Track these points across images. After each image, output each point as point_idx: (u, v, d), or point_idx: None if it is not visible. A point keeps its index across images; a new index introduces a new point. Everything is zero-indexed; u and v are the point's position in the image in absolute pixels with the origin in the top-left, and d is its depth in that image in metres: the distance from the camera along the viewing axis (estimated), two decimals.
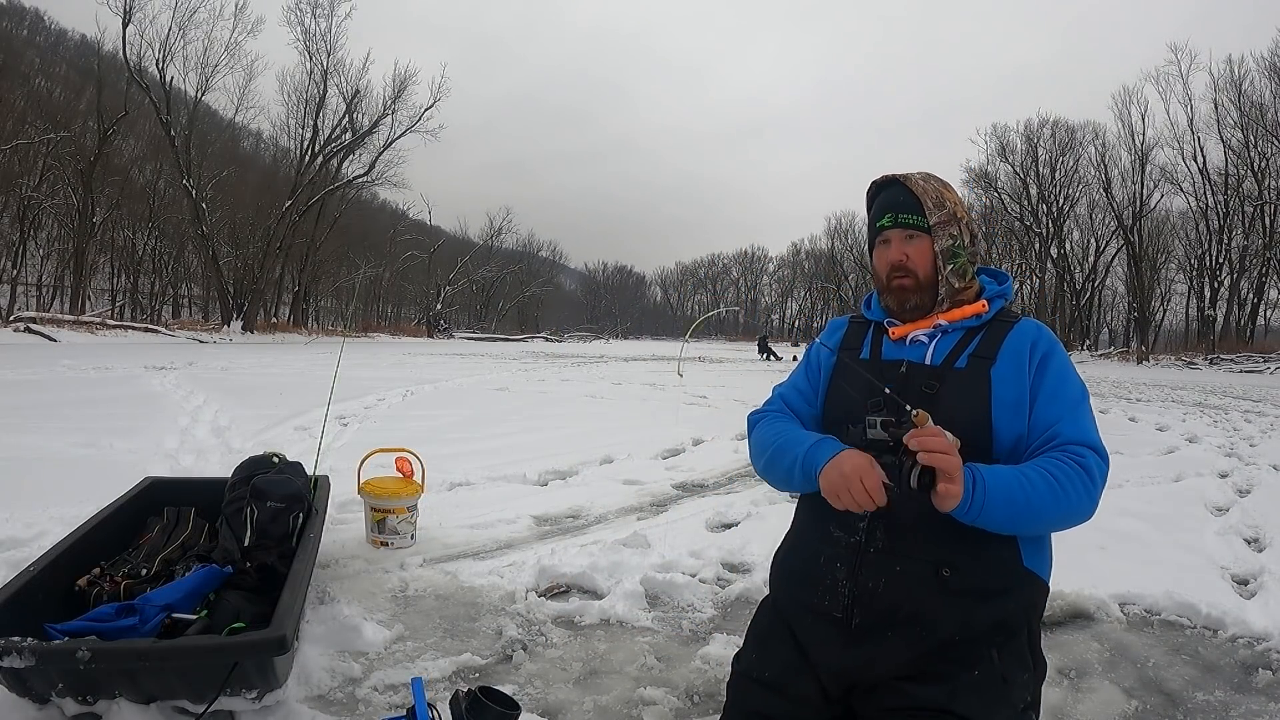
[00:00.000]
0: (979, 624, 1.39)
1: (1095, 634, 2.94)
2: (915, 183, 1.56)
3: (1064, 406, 1.45)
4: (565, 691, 2.38)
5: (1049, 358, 1.49)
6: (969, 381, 1.47)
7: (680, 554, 3.54)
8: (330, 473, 3.79)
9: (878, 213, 1.58)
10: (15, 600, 2.08)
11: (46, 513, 3.74)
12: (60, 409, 7.53)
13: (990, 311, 1.56)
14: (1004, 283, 1.63)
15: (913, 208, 1.54)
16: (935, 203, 1.54)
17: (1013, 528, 1.37)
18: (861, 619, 1.43)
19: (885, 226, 1.56)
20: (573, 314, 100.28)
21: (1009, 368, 1.47)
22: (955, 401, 1.46)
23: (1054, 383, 1.47)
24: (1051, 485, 1.34)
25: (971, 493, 1.32)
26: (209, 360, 16.15)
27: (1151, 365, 34.79)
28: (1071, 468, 1.36)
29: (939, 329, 1.55)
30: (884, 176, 1.61)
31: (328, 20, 36.71)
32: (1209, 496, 5.28)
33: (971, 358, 1.50)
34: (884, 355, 1.59)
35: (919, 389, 1.48)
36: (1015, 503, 1.33)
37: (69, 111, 33.07)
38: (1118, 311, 50.13)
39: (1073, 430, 1.42)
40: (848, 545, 1.48)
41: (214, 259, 34.44)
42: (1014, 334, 1.52)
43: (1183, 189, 39.19)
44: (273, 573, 2.59)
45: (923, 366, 1.52)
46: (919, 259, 1.54)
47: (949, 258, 1.54)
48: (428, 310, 56.95)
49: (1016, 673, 1.42)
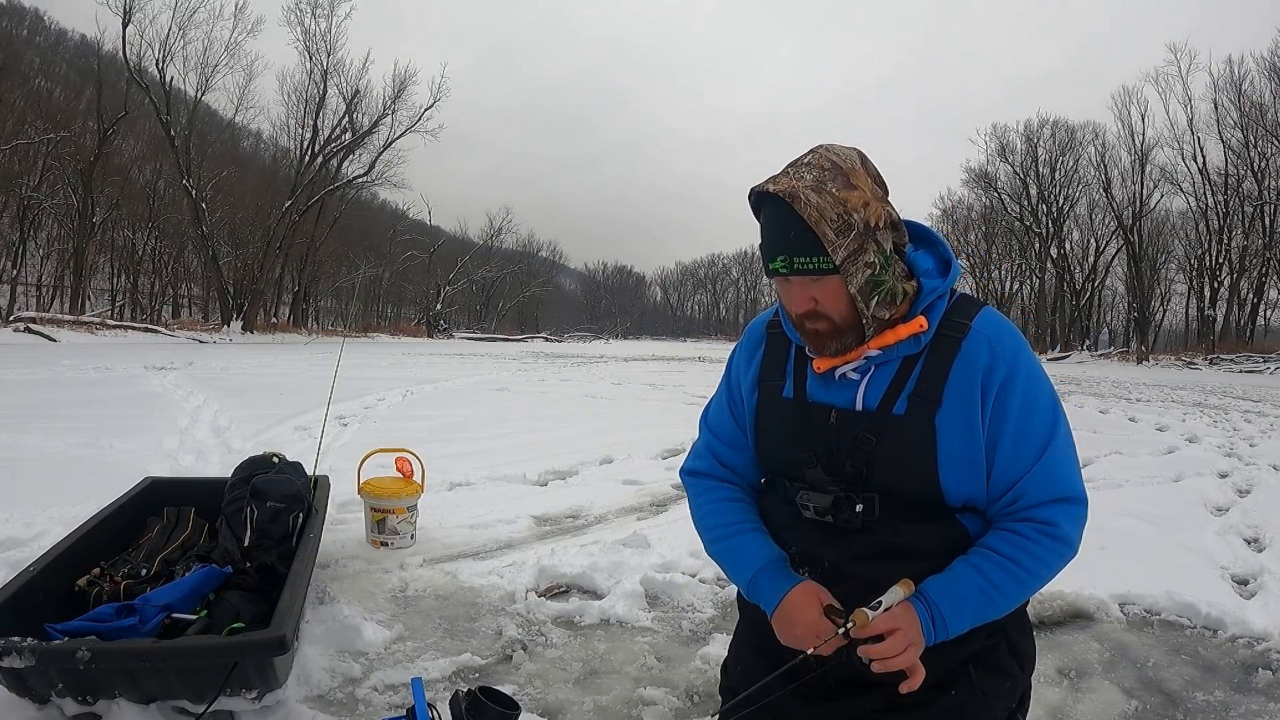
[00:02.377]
0: (952, 662, 1.29)
1: (1095, 634, 2.94)
2: (806, 205, 1.14)
3: (1029, 456, 1.21)
4: (565, 691, 2.38)
5: (1007, 386, 1.21)
6: (909, 432, 1.23)
7: (680, 554, 3.54)
8: (330, 473, 3.79)
9: (767, 247, 1.23)
10: (15, 600, 2.08)
11: (46, 513, 3.74)
12: (60, 409, 7.53)
13: (931, 327, 1.24)
14: (948, 269, 1.28)
15: (810, 247, 1.16)
16: (838, 228, 1.15)
17: (986, 621, 1.26)
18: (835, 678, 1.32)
19: (778, 272, 1.21)
20: (573, 314, 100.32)
21: (957, 412, 1.21)
22: (894, 458, 1.24)
23: (1015, 425, 1.21)
24: (1018, 577, 1.20)
25: (934, 633, 1.20)
26: (209, 360, 16.15)
27: (1151, 365, 34.79)
28: (1040, 543, 1.20)
29: (870, 360, 1.26)
30: (763, 187, 1.19)
31: (328, 20, 36.78)
32: (1209, 496, 5.28)
33: (912, 399, 1.23)
34: (810, 394, 1.32)
35: (851, 442, 1.26)
36: (982, 615, 1.22)
37: (69, 111, 33.05)
38: (1118, 311, 50.12)
39: (1040, 488, 1.21)
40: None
41: (214, 259, 34.45)
42: (961, 358, 1.22)
43: (1182, 189, 39.21)
44: (272, 573, 2.59)
45: (854, 414, 1.26)
46: (831, 302, 1.21)
47: (870, 291, 1.20)
48: (427, 310, 56.97)
49: (996, 683, 1.32)
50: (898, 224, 1.24)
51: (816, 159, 1.20)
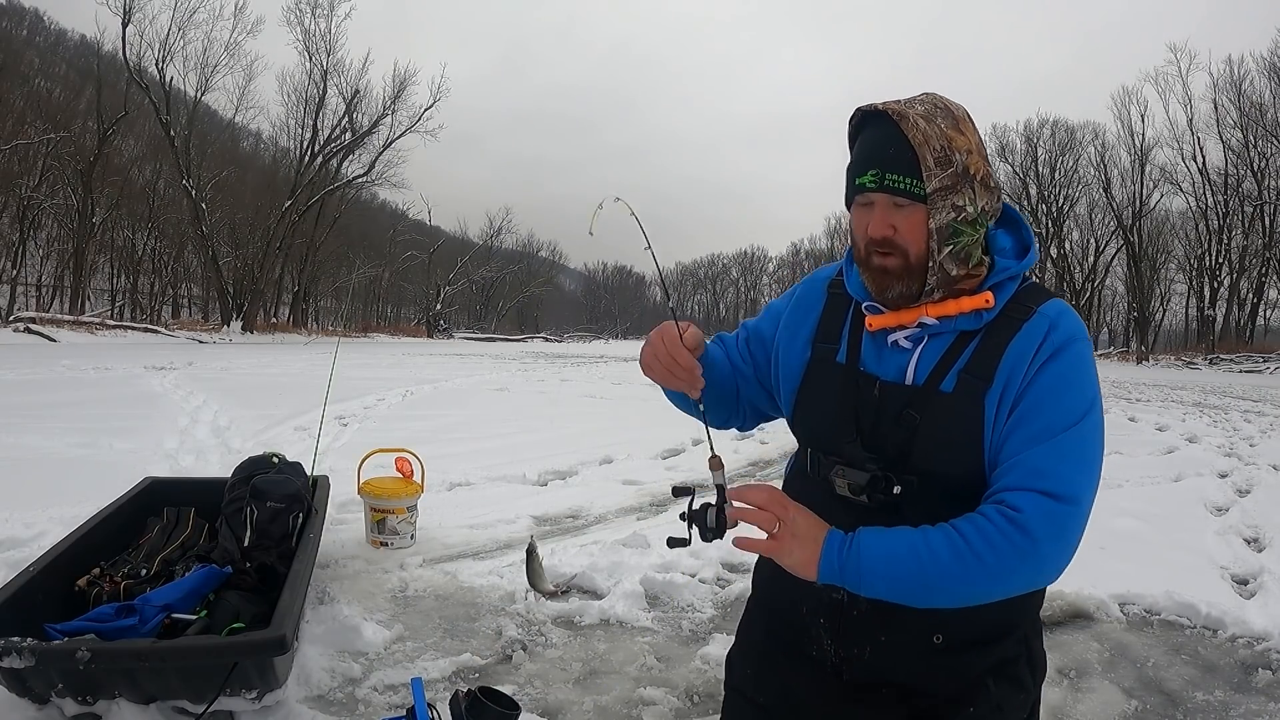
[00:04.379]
0: (976, 669, 1.20)
1: (1095, 634, 2.94)
2: (914, 126, 1.10)
3: (1028, 436, 1.08)
4: (565, 691, 2.38)
5: (1049, 362, 1.11)
6: (957, 412, 1.12)
7: (680, 554, 3.53)
8: (330, 473, 3.80)
9: (861, 159, 1.14)
10: (15, 600, 2.08)
11: (46, 513, 3.74)
12: (60, 409, 7.53)
13: (997, 306, 1.14)
14: (1028, 250, 1.19)
15: (907, 166, 1.10)
16: (939, 159, 1.09)
17: (918, 601, 1.09)
18: (850, 676, 1.24)
19: (867, 188, 1.13)
20: (573, 314, 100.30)
21: (1006, 389, 1.11)
22: (938, 439, 1.13)
23: (1034, 399, 1.10)
24: (959, 552, 1.04)
25: (839, 561, 1.07)
26: (208, 360, 16.15)
27: (1151, 365, 34.81)
28: (995, 525, 1.04)
29: (925, 329, 1.17)
30: (871, 106, 1.15)
31: (327, 20, 36.77)
32: (1209, 496, 5.29)
33: (962, 375, 1.13)
34: (863, 362, 1.23)
35: (894, 418, 1.16)
36: (905, 577, 1.05)
37: (69, 111, 33.03)
38: (1117, 311, 50.11)
39: (1029, 473, 1.06)
40: (829, 601, 1.23)
41: (214, 259, 34.43)
42: (1021, 335, 1.12)
43: (1182, 189, 39.21)
44: (272, 573, 2.59)
45: (900, 388, 1.17)
46: (911, 234, 1.12)
47: (948, 237, 1.12)
48: (427, 310, 56.96)
49: (1013, 695, 1.23)
50: (994, 189, 1.17)
51: (928, 98, 1.16)
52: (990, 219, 1.17)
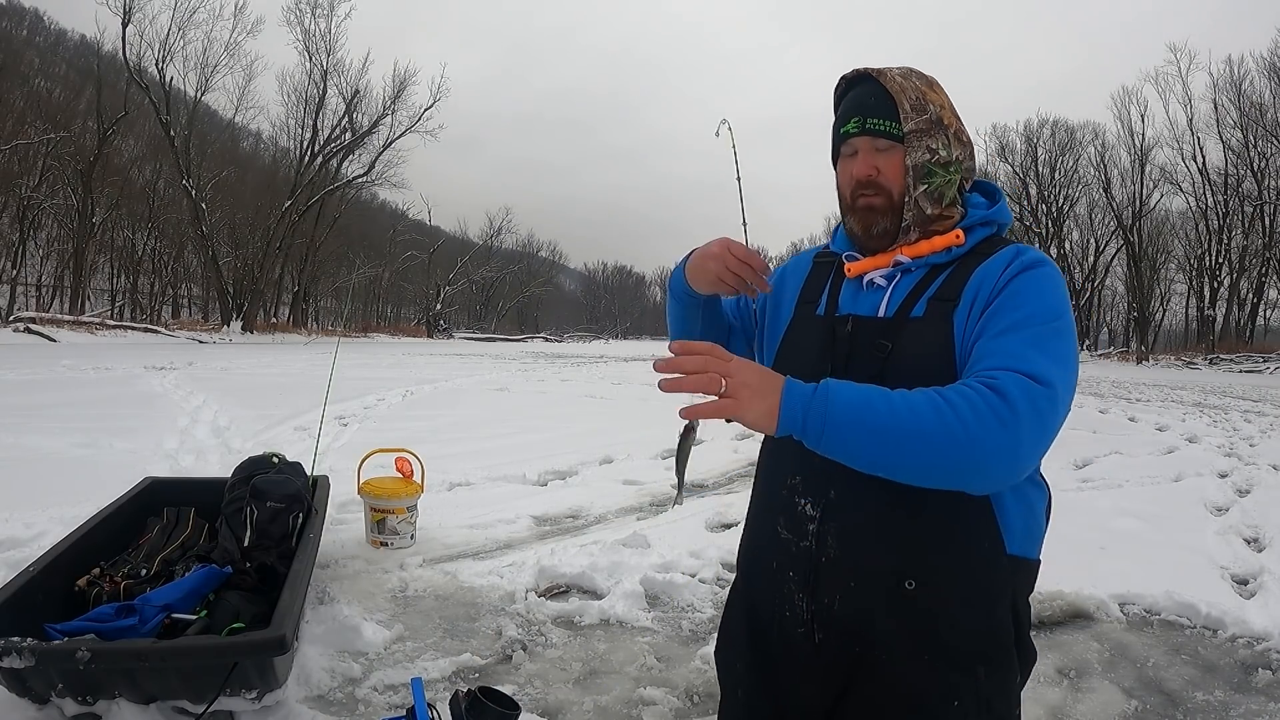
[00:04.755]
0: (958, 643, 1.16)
1: (1095, 634, 2.94)
2: (891, 79, 1.23)
3: (1009, 324, 1.10)
4: (565, 691, 2.38)
5: (1021, 275, 1.15)
6: (927, 335, 1.16)
7: (680, 554, 3.54)
8: (330, 473, 3.80)
9: (845, 113, 1.27)
10: (15, 600, 2.08)
11: (46, 513, 3.74)
12: (60, 409, 7.53)
13: (967, 244, 1.22)
14: (996, 202, 1.28)
15: (886, 111, 1.22)
16: (914, 105, 1.22)
17: (882, 465, 1.02)
18: (824, 636, 1.22)
19: (850, 133, 1.24)
20: (572, 314, 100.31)
21: (972, 305, 1.16)
22: (909, 364, 1.15)
23: (1008, 298, 1.13)
24: (937, 406, 1.00)
25: (807, 405, 1.00)
26: (208, 360, 16.15)
27: (1151, 365, 34.81)
28: (974, 389, 1.02)
29: (899, 267, 1.24)
30: (854, 71, 1.28)
31: (327, 20, 36.82)
32: (1209, 496, 5.29)
33: (931, 302, 1.19)
34: (840, 308, 1.29)
35: (868, 350, 1.20)
36: (872, 426, 0.99)
37: (69, 111, 33.03)
38: (1117, 311, 50.06)
39: (1004, 354, 1.06)
40: (798, 551, 1.23)
41: (214, 259, 34.44)
42: (990, 261, 1.19)
43: (1182, 189, 39.18)
44: (272, 573, 2.59)
45: (872, 320, 1.22)
46: (892, 173, 1.22)
47: (922, 176, 1.21)
48: (427, 310, 56.98)
49: (1002, 684, 1.21)
50: (967, 144, 1.27)
51: (905, 67, 1.29)
52: (965, 173, 1.27)
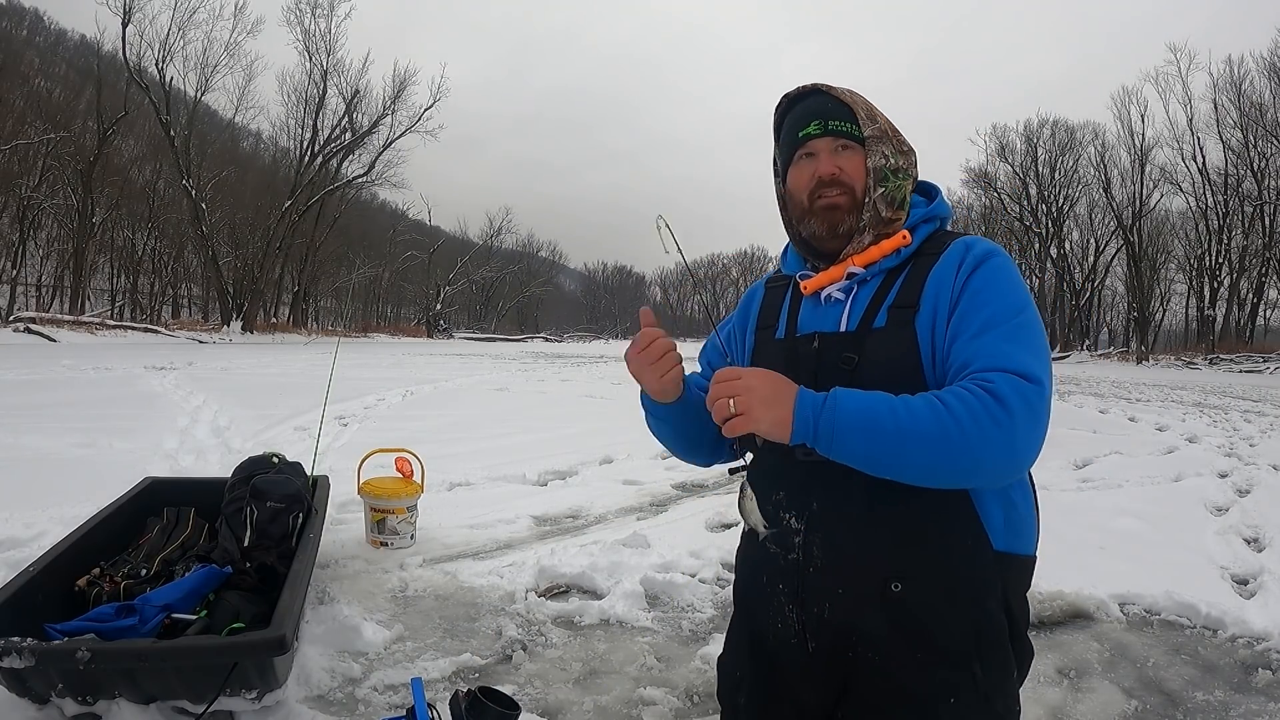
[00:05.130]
0: (949, 642, 1.16)
1: (1095, 634, 2.94)
2: (842, 92, 1.28)
3: (981, 324, 1.13)
4: (565, 691, 2.38)
5: (975, 272, 1.17)
6: (890, 341, 1.18)
7: (680, 554, 3.54)
8: (330, 473, 3.79)
9: (799, 120, 1.28)
10: (15, 600, 2.08)
11: (46, 513, 3.74)
12: (60, 409, 7.53)
13: (915, 242, 1.24)
14: (934, 198, 1.32)
15: (845, 115, 1.26)
16: (866, 113, 1.27)
17: (889, 468, 1.07)
18: (817, 644, 1.23)
19: (812, 135, 1.25)
20: (572, 314, 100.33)
21: (929, 310, 1.17)
22: (877, 372, 1.16)
23: (971, 298, 1.15)
24: (937, 413, 1.04)
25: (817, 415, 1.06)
26: (208, 360, 16.15)
27: (1151, 365, 34.79)
28: (971, 392, 1.05)
29: (854, 278, 1.25)
30: (799, 88, 1.31)
31: (327, 20, 36.87)
32: (1209, 496, 5.28)
33: (891, 310, 1.20)
34: (800, 327, 1.30)
35: (835, 364, 1.21)
36: (885, 435, 1.04)
37: (69, 111, 33.03)
38: (1117, 311, 50.05)
39: (987, 355, 1.09)
40: (786, 564, 1.25)
41: (214, 259, 34.45)
42: (940, 263, 1.20)
43: (1182, 189, 39.17)
44: (272, 573, 2.59)
45: (835, 336, 1.23)
46: (855, 172, 1.24)
47: (880, 179, 1.24)
48: (427, 310, 57.00)
49: (1000, 681, 1.21)
50: (910, 153, 1.30)
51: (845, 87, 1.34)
52: (910, 180, 1.30)
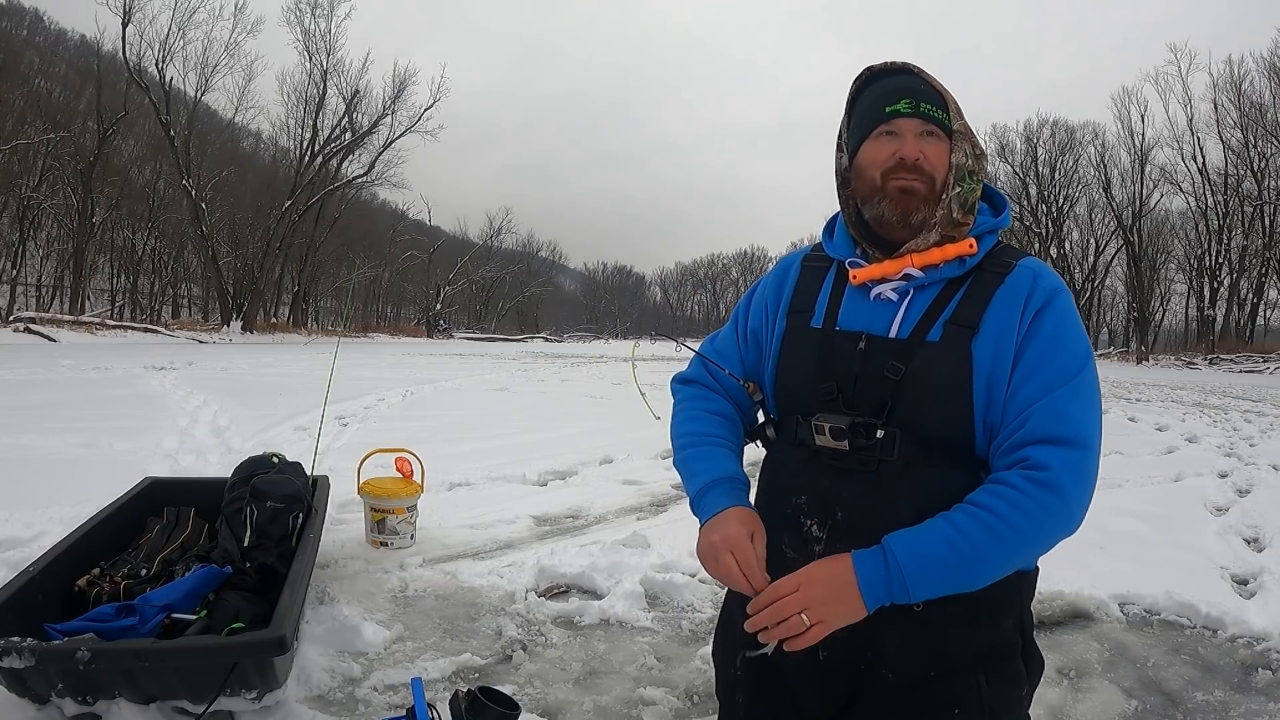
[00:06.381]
0: (961, 654, 1.14)
1: (1095, 634, 2.94)
2: (934, 79, 1.19)
3: (1043, 384, 1.09)
4: (565, 691, 2.38)
5: (1044, 312, 1.12)
6: (943, 360, 1.12)
7: (680, 554, 3.54)
8: (330, 473, 3.80)
9: (887, 94, 1.19)
10: (15, 600, 2.08)
11: (46, 513, 3.74)
12: (60, 409, 7.53)
13: (980, 252, 1.17)
14: (1001, 210, 1.24)
15: (937, 100, 1.17)
16: (956, 108, 1.19)
17: (967, 586, 1.07)
18: (829, 653, 1.17)
19: (901, 112, 1.16)
20: (572, 314, 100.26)
21: (991, 339, 1.11)
22: (923, 390, 1.11)
23: (1040, 349, 1.10)
24: (997, 532, 1.03)
25: (888, 590, 1.05)
26: (208, 360, 16.15)
27: (1151, 365, 34.81)
28: (1026, 493, 1.04)
29: (912, 281, 1.17)
30: (888, 63, 1.21)
31: (328, 20, 36.81)
32: (1209, 496, 5.29)
33: (948, 325, 1.13)
34: (840, 322, 1.21)
35: (879, 374, 1.14)
36: (951, 574, 1.05)
37: (69, 111, 33.02)
38: (1117, 311, 50.08)
39: (1045, 421, 1.07)
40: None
41: (214, 259, 34.45)
42: (1006, 287, 1.14)
43: (1182, 189, 39.20)
44: (272, 573, 2.59)
45: (885, 341, 1.16)
46: (937, 161, 1.16)
47: (959, 177, 1.16)
48: (427, 310, 56.97)
49: (1007, 694, 1.17)
50: (981, 157, 1.23)
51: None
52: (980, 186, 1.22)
